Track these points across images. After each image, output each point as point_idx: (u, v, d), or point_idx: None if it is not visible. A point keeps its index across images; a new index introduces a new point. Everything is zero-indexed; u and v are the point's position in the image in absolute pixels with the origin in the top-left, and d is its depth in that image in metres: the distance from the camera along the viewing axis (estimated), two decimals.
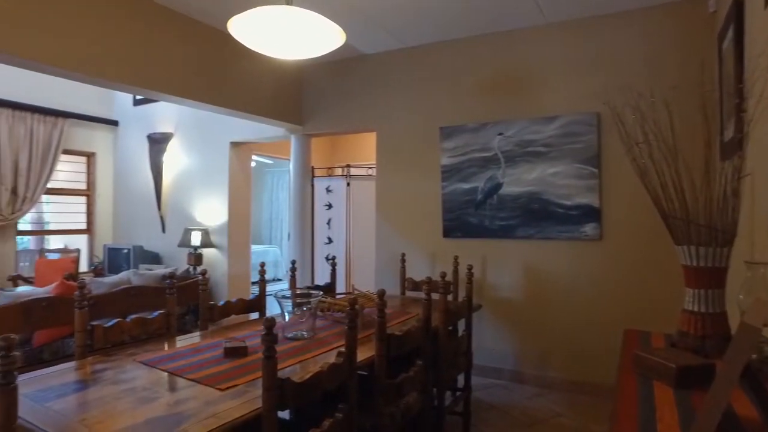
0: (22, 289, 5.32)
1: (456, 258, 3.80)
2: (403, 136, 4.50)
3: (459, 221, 4.16)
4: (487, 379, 4.01)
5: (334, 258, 3.73)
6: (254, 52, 4.00)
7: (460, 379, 3.09)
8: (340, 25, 2.13)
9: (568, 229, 3.72)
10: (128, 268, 5.84)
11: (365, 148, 6.97)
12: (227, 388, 1.65)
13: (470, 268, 3.19)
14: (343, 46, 2.25)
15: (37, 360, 3.27)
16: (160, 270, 4.78)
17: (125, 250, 5.98)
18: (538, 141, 3.82)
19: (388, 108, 4.57)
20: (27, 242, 7.73)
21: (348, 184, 5.76)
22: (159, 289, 3.78)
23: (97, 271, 6.27)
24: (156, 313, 2.35)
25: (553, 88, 3.84)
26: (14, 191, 5.71)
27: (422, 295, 2.48)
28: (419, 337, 2.31)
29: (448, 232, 4.22)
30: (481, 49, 4.13)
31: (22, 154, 5.76)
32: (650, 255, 3.48)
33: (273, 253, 9.63)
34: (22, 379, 1.64)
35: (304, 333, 2.34)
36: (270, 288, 8.19)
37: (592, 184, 3.63)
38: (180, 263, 5.86)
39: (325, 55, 2.72)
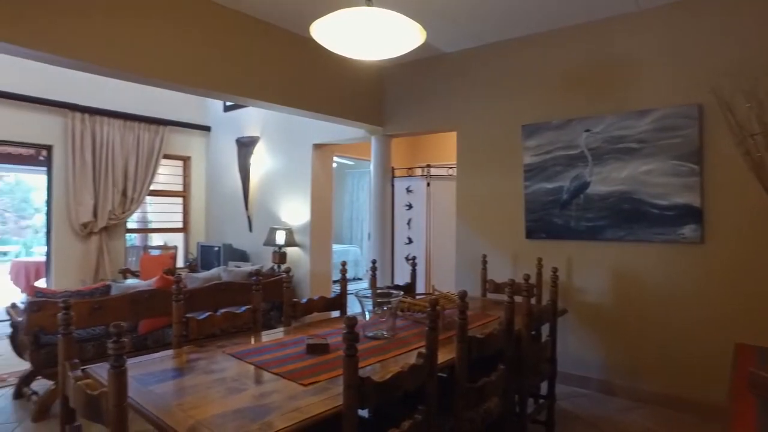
0: (130, 281, 5.82)
1: (539, 260, 3.66)
2: (484, 135, 4.40)
3: (542, 222, 4.00)
4: (572, 388, 3.82)
5: (414, 258, 3.73)
6: (336, 55, 4.09)
7: (544, 387, 2.97)
8: (420, 24, 2.11)
9: (663, 231, 3.45)
10: (218, 265, 6.21)
11: (446, 147, 6.91)
12: (309, 383, 1.69)
13: (555, 270, 3.06)
14: (422, 45, 2.24)
15: (143, 346, 3.55)
16: (247, 267, 5.03)
17: (216, 248, 6.36)
18: (629, 137, 3.58)
19: (469, 107, 4.50)
20: (134, 239, 8.46)
21: (428, 184, 5.74)
22: (246, 286, 3.97)
23: (191, 266, 6.72)
24: (243, 309, 2.47)
25: (646, 79, 3.58)
26: (124, 193, 6.27)
27: (504, 297, 2.40)
28: (501, 341, 2.24)
29: (530, 233, 4.07)
30: (566, 42, 3.94)
31: (130, 160, 6.31)
32: (762, 259, 3.14)
33: (353, 253, 9.82)
34: (129, 363, 1.78)
35: (384, 332, 2.35)
36: (350, 287, 8.34)
37: (692, 182, 3.34)
38: (265, 261, 6.13)
39: (405, 55, 2.72)
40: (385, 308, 2.39)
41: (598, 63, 3.80)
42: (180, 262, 6.92)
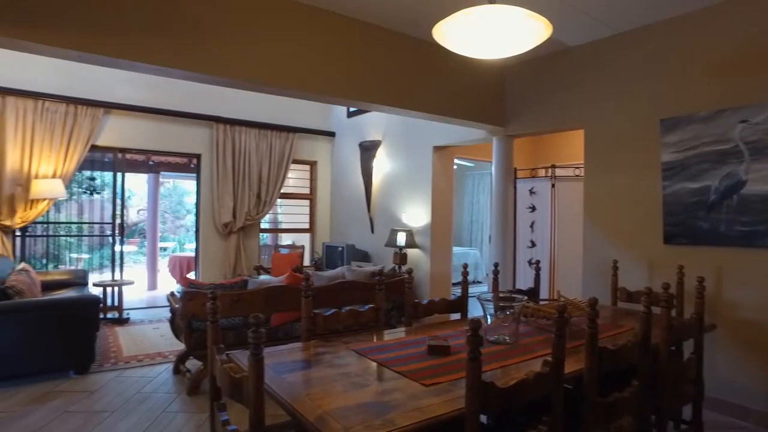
0: (263, 277, 6.34)
1: (681, 268, 3.30)
2: (615, 132, 4.09)
3: (684, 226, 3.60)
4: (727, 418, 3.37)
5: (537, 262, 3.57)
6: (455, 56, 4.06)
7: (688, 412, 2.67)
8: (545, 18, 2.02)
9: None
10: (342, 264, 6.50)
11: (571, 147, 6.53)
12: (431, 384, 1.70)
13: (701, 280, 2.74)
14: (546, 40, 2.14)
15: (274, 338, 3.85)
16: (369, 267, 5.20)
17: (339, 248, 6.67)
18: None
19: (598, 103, 4.21)
20: (265, 239, 9.18)
21: (553, 186, 5.47)
22: (368, 285, 4.11)
23: (316, 265, 7.13)
24: (366, 307, 2.56)
25: None
26: (258, 196, 6.85)
27: (637, 307, 2.21)
28: (635, 355, 2.06)
29: (670, 238, 3.69)
30: (716, 21, 3.50)
31: (264, 165, 6.88)
32: None
33: (473, 256, 9.69)
34: (264, 352, 1.94)
35: (507, 337, 2.28)
36: (469, 290, 8.24)
37: None
38: (386, 262, 6.29)
39: (527, 52, 2.62)
40: (507, 313, 2.32)
41: (758, 42, 3.33)
42: (306, 261, 7.37)
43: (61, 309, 3.91)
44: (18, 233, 5.65)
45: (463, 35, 2.10)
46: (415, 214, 6.09)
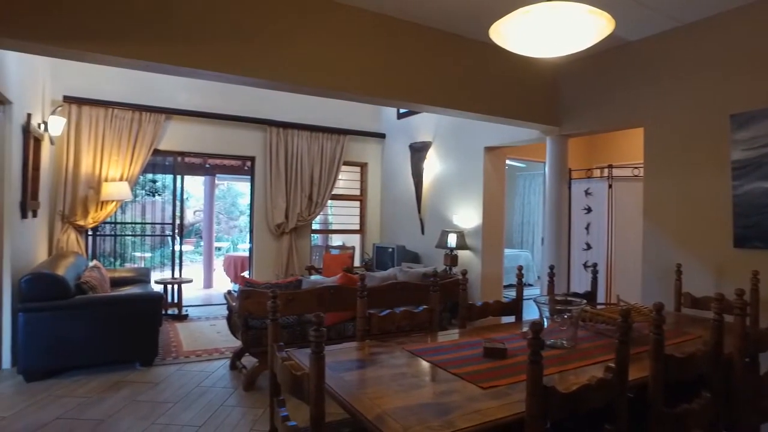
0: (314, 277, 6.45)
1: (755, 273, 3.10)
2: (678, 129, 3.90)
3: (759, 228, 3.39)
4: None
5: (595, 265, 3.46)
6: (508, 55, 4.00)
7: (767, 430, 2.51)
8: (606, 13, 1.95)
9: None
10: (392, 266, 6.52)
11: (629, 146, 6.28)
12: (489, 387, 1.68)
13: None
14: (605, 36, 2.07)
15: (327, 337, 3.90)
16: (420, 268, 5.19)
17: (390, 249, 6.69)
18: None
19: (659, 99, 4.03)
20: (316, 239, 9.33)
21: (610, 186, 5.27)
22: (419, 286, 4.10)
23: (366, 266, 7.19)
24: (420, 308, 2.56)
25: None
26: (310, 197, 6.99)
27: (704, 314, 2.10)
28: (706, 364, 1.96)
29: (741, 242, 3.48)
30: None
31: (315, 167, 7.01)
32: None
33: (524, 258, 9.49)
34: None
35: (564, 341, 2.23)
36: (514, 293, 8.07)
37: None
38: (436, 263, 6.26)
39: (584, 49, 2.54)
40: (565, 316, 2.26)
41: None
42: (356, 262, 7.44)
43: (128, 304, 4.14)
44: (90, 233, 6.01)
45: (521, 34, 2.07)
46: (466, 216, 6.04)
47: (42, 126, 4.98)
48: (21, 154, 4.30)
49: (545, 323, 2.34)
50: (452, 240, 5.86)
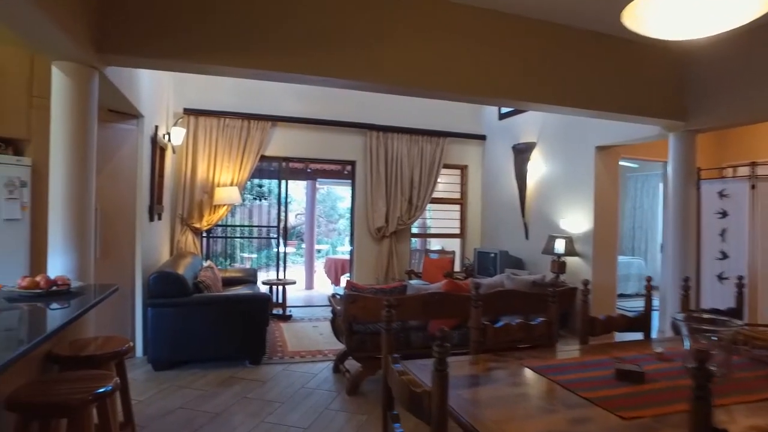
0: (414, 282, 6.39)
1: None
2: None
3: None
4: None
5: (740, 278, 3.02)
6: (627, 46, 3.67)
7: None
8: None
9: None
10: (494, 271, 6.28)
11: None
12: (631, 417, 1.47)
13: None
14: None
15: (430, 344, 3.79)
16: (525, 275, 4.92)
17: (492, 254, 6.44)
18: None
19: None
20: (415, 243, 9.28)
21: (753, 187, 4.61)
22: (529, 295, 3.85)
23: (467, 271, 6.98)
24: (538, 320, 2.37)
25: None
26: (410, 201, 6.94)
27: None
28: None
29: None
30: None
31: (415, 170, 6.95)
32: None
33: (637, 266, 8.74)
34: (424, 362, 1.87)
35: (713, 368, 1.92)
36: (633, 304, 7.44)
37: None
38: (541, 269, 5.93)
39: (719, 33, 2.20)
40: (714, 338, 1.96)
41: None
42: (456, 266, 7.27)
43: (239, 304, 4.33)
44: (204, 234, 6.44)
45: (662, 15, 1.82)
46: (575, 220, 5.65)
47: (166, 136, 5.41)
48: (149, 163, 4.68)
49: (686, 344, 2.05)
50: (560, 246, 5.50)
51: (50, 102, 2.79)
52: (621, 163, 7.96)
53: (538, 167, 6.34)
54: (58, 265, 2.75)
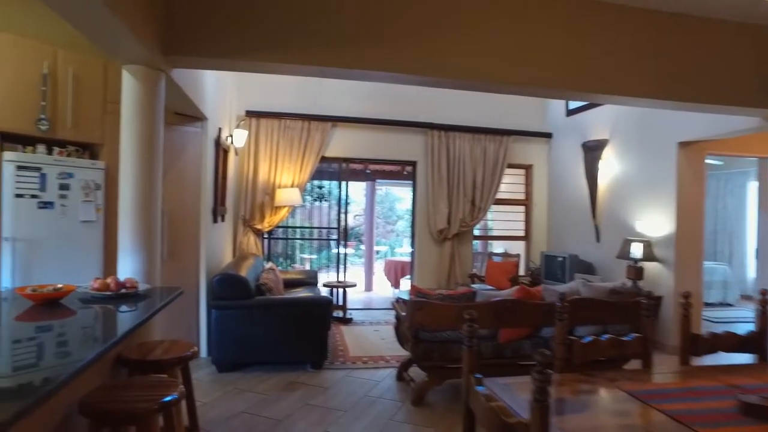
0: (477, 286, 6.14)
1: None
2: None
3: None
4: None
5: None
6: (723, 27, 3.31)
7: None
8: None
9: None
10: (562, 276, 5.93)
11: None
12: None
13: None
14: None
15: (501, 355, 3.56)
16: (598, 282, 4.59)
17: (560, 258, 6.09)
18: None
19: None
20: (476, 246, 9.00)
21: None
22: (606, 303, 3.54)
23: (533, 275, 6.65)
24: (631, 336, 2.11)
25: None
26: (472, 202, 6.69)
27: None
28: None
29: None
30: None
31: (477, 171, 6.70)
32: None
33: (720, 272, 8.04)
34: (512, 380, 1.68)
35: None
36: (717, 314, 6.83)
37: None
38: (614, 275, 5.53)
39: None
40: None
41: None
42: (521, 270, 6.95)
43: (301, 307, 4.27)
44: (265, 235, 6.48)
45: None
46: (654, 223, 5.22)
47: (229, 138, 5.46)
48: (213, 165, 4.72)
49: None
50: (637, 250, 5.10)
51: (120, 106, 2.82)
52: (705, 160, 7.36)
53: (610, 166, 5.93)
54: (127, 267, 2.77)
